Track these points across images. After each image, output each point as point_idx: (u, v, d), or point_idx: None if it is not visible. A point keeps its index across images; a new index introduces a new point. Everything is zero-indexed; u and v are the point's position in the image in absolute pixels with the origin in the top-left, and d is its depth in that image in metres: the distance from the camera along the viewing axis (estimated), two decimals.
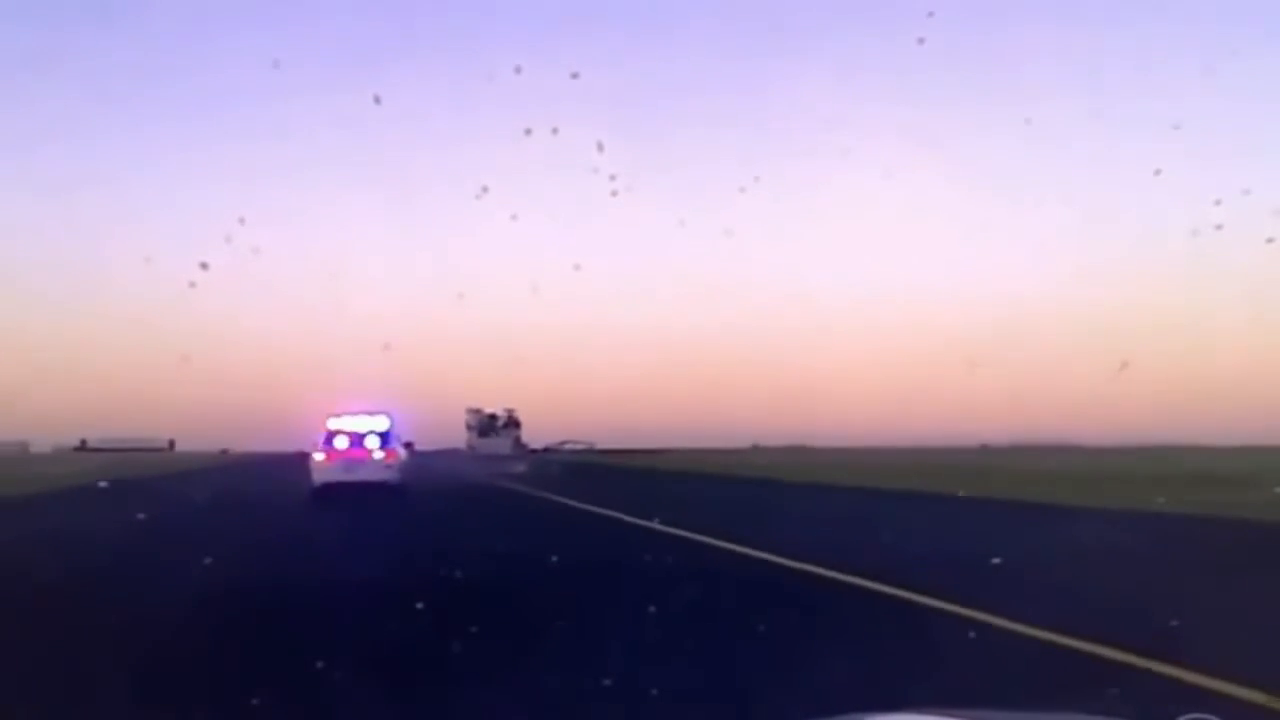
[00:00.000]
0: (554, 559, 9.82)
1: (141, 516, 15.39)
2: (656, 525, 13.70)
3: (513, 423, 56.31)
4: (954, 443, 79.17)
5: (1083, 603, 7.16)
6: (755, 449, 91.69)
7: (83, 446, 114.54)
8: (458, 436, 57.47)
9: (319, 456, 21.89)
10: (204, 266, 11.96)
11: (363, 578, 8.80)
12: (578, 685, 4.87)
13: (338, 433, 22.10)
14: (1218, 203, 15.23)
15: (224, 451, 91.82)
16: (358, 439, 22.06)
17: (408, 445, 24.78)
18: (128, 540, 12.80)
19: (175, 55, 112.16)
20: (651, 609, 6.80)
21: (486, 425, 55.56)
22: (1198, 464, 35.97)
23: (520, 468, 44.11)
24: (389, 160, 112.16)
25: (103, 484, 22.79)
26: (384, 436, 22.31)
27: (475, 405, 56.41)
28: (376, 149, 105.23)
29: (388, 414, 22.88)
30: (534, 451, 57.37)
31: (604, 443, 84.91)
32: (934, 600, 7.11)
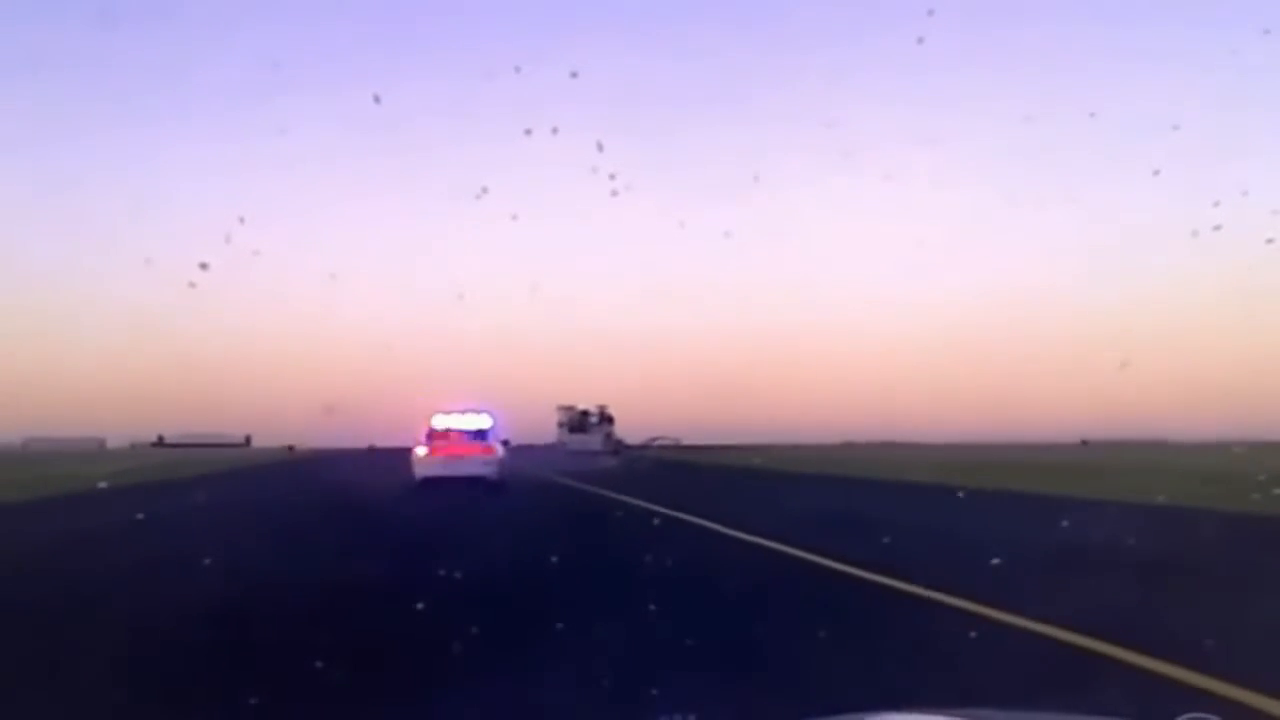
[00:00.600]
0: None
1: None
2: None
3: (605, 419, 53.18)
4: (1051, 438, 73.36)
5: None
6: (846, 445, 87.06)
7: (160, 443, 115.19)
8: (544, 432, 55.27)
9: (422, 451, 22.43)
10: (204, 266, 10.77)
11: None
12: None
13: (441, 429, 22.70)
14: (1216, 204, 13.54)
15: (290, 449, 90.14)
16: (460, 436, 22.64)
17: (504, 442, 24.80)
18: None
19: (176, 55, 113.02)
20: None
21: (578, 422, 52.69)
22: None
23: (610, 463, 41.14)
24: (388, 160, 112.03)
25: (102, 484, 19.46)
26: (485, 434, 22.88)
27: (567, 403, 53.88)
28: (376, 148, 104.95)
29: (489, 412, 23.43)
30: (628, 448, 54.25)
31: (690, 439, 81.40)
32: None
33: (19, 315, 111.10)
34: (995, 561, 8.84)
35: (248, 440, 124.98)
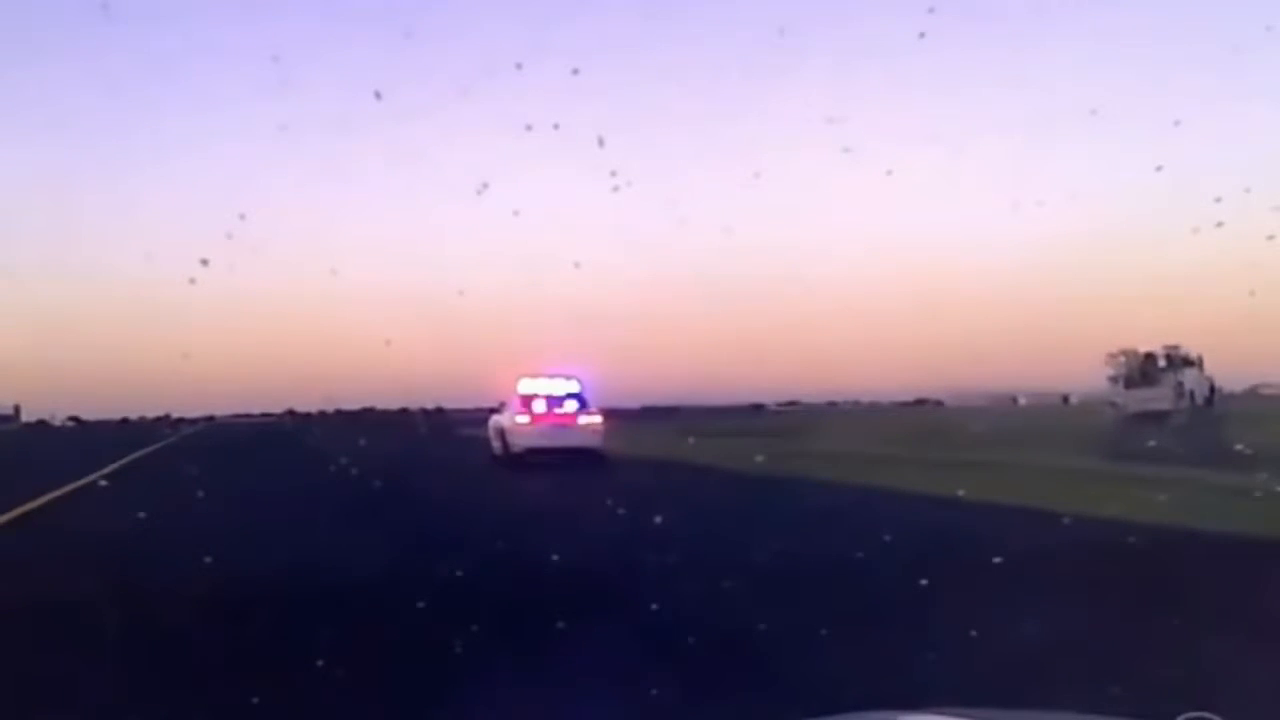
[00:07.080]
0: None
1: None
2: None
3: (1180, 361, 34.59)
4: None
5: None
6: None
7: None
8: None
9: (522, 419, 19.39)
10: (204, 263, 11.01)
11: None
12: None
13: (534, 396, 19.73)
14: (1218, 200, 13.71)
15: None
16: (555, 402, 19.72)
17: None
18: None
19: (174, 49, 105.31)
20: None
21: (1139, 372, 35.45)
22: None
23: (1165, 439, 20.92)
24: (389, 155, 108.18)
25: None
26: (581, 400, 19.88)
27: (1119, 347, 36.35)
28: (376, 144, 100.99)
29: (577, 377, 20.32)
30: (1207, 403, 33.94)
31: None
32: None
33: None
34: None
35: (17, 411, 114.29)
